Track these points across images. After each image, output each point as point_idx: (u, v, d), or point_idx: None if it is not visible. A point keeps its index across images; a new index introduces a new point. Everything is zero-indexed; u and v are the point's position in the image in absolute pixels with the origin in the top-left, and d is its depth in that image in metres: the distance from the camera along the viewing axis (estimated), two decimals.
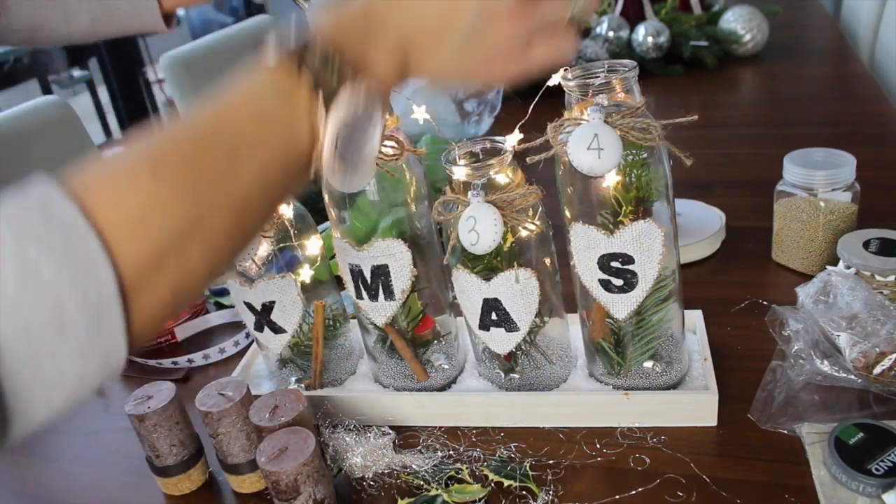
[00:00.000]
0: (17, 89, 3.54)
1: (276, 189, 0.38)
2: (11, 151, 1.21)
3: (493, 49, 0.42)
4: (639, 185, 0.58)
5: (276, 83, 0.38)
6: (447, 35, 0.41)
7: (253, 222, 0.37)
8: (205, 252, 0.34)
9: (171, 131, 0.36)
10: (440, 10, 0.41)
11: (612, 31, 1.69)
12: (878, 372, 0.63)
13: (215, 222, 0.34)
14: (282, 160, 0.37)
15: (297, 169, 0.38)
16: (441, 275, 0.69)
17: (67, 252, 0.30)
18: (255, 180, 0.36)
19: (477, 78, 0.44)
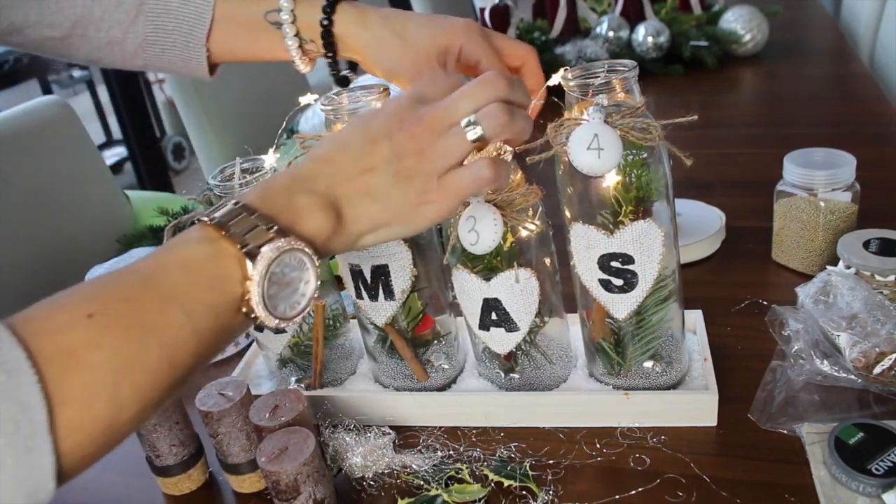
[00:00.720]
0: (17, 89, 3.54)
1: (208, 335, 0.39)
2: (11, 151, 1.21)
3: (411, 187, 0.44)
4: (639, 185, 0.58)
5: (205, 240, 0.40)
6: (369, 177, 0.44)
7: (185, 367, 0.38)
8: (135, 392, 0.35)
9: (109, 278, 0.38)
10: (357, 155, 0.45)
11: (612, 31, 1.69)
12: (878, 372, 0.63)
13: (147, 364, 0.36)
14: (212, 306, 0.39)
15: (228, 314, 0.40)
16: (441, 275, 0.69)
17: (6, 389, 0.31)
18: (186, 325, 0.37)
19: (412, 221, 0.45)
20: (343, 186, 0.44)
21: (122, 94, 3.16)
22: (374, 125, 0.45)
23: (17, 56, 3.41)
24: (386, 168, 0.44)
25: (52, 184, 1.26)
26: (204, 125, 1.61)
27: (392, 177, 0.44)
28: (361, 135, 0.45)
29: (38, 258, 1.18)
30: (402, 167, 0.44)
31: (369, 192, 0.44)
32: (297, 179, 0.44)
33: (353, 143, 0.45)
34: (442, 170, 0.44)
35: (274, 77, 1.78)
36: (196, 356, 0.38)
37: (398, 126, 0.45)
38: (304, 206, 0.43)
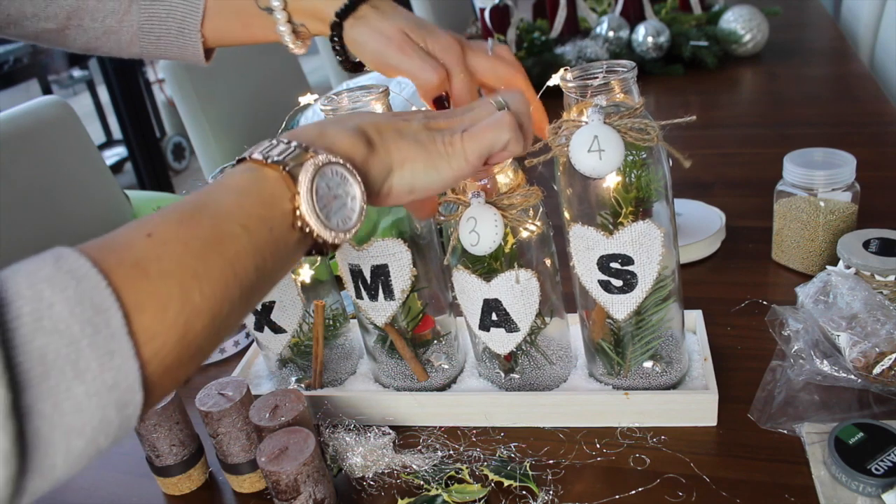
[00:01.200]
0: (17, 89, 3.54)
1: (267, 249, 0.40)
2: (11, 151, 1.21)
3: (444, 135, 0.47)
4: (638, 185, 0.58)
5: (245, 168, 0.42)
6: (399, 122, 0.47)
7: (249, 281, 0.39)
8: (205, 300, 0.36)
9: (162, 210, 0.38)
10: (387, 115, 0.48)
11: (612, 31, 1.69)
12: (878, 372, 0.63)
13: (211, 273, 0.36)
14: (266, 219, 0.40)
15: (283, 229, 0.40)
16: (441, 275, 0.69)
17: (78, 293, 0.31)
18: (242, 237, 0.38)
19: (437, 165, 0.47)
20: (374, 123, 0.47)
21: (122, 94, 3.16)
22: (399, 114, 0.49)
23: (17, 56, 3.41)
24: (416, 120, 0.48)
25: (52, 184, 1.26)
26: (204, 125, 1.61)
27: (422, 125, 0.47)
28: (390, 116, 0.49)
29: None
30: (431, 123, 0.48)
31: (399, 130, 0.47)
32: (327, 120, 0.47)
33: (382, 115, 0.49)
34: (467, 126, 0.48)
35: (274, 77, 1.78)
36: (258, 270, 0.39)
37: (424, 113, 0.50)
38: (335, 133, 0.45)
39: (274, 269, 0.41)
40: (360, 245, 0.64)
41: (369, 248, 0.64)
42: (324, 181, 0.41)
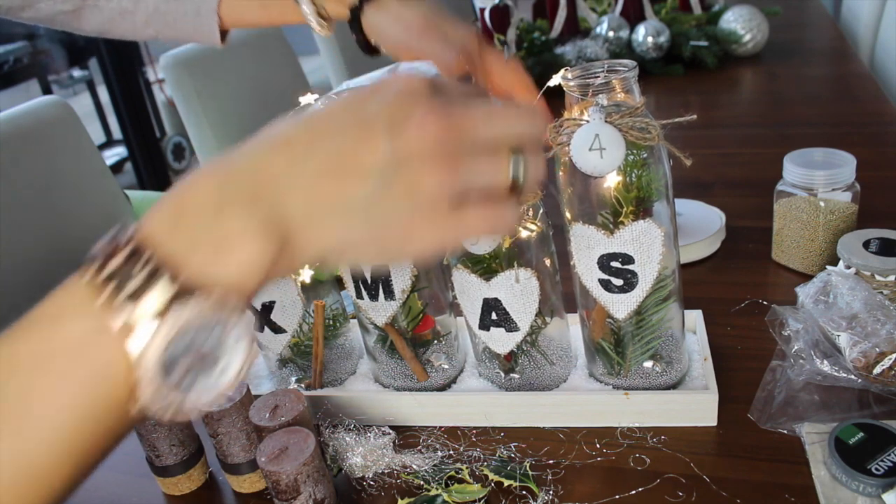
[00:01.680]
0: (17, 89, 3.54)
1: (85, 441, 0.30)
2: (11, 151, 1.21)
3: (412, 206, 0.32)
4: (639, 185, 0.58)
5: (81, 310, 0.30)
6: (349, 184, 0.31)
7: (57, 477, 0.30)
8: None
9: None
10: (337, 147, 0.32)
11: (612, 31, 1.69)
12: (878, 372, 0.63)
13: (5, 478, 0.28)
14: (88, 407, 0.29)
15: (111, 414, 0.30)
16: (441, 275, 0.69)
17: None
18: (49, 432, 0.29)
19: (392, 250, 0.33)
20: (302, 195, 0.31)
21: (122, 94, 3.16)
22: (372, 108, 0.32)
23: (17, 56, 3.41)
24: (379, 174, 0.31)
25: (52, 184, 1.26)
26: (204, 125, 1.61)
27: (385, 187, 0.31)
28: (350, 117, 0.32)
29: (37, 258, 1.18)
30: (406, 177, 0.31)
31: (343, 205, 0.32)
32: (234, 183, 0.31)
33: (333, 128, 0.32)
34: (463, 196, 0.33)
35: (274, 77, 1.78)
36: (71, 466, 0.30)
37: (407, 115, 0.32)
38: (234, 234, 0.31)
39: (94, 460, 0.31)
40: None
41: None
42: (185, 340, 0.29)
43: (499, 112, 0.34)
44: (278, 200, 0.31)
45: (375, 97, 0.33)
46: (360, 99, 0.33)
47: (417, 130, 0.31)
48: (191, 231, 0.30)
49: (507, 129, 0.34)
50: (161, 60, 1.58)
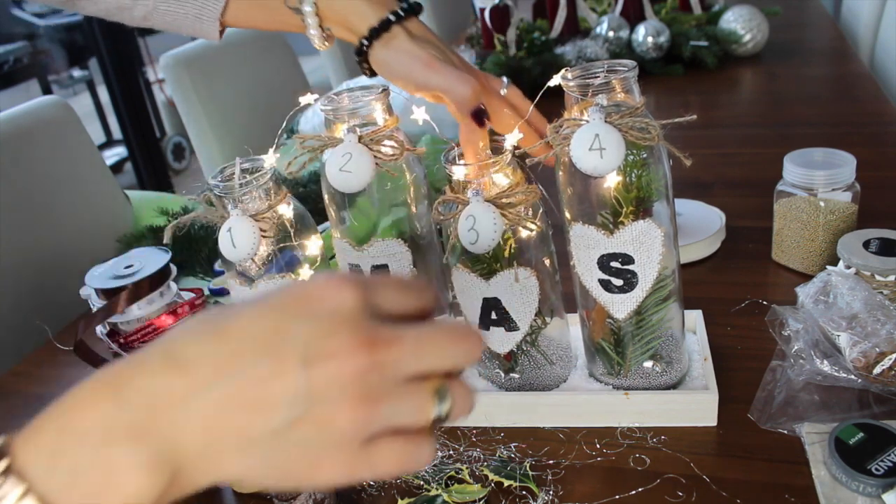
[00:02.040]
0: (17, 89, 3.54)
1: None
2: (11, 151, 1.21)
3: (320, 442, 0.30)
4: (639, 185, 0.58)
5: None
6: (253, 418, 0.29)
7: None
8: None
9: None
10: (243, 376, 0.29)
11: (612, 31, 1.69)
12: (878, 372, 0.63)
13: None
14: None
15: None
16: (441, 275, 0.69)
17: None
18: None
19: (295, 480, 0.31)
20: (200, 426, 0.29)
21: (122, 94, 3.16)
22: (292, 331, 0.30)
23: (17, 56, 3.41)
24: (288, 408, 0.29)
25: (52, 184, 1.26)
26: (204, 125, 1.61)
27: (294, 422, 0.29)
28: (266, 340, 0.30)
29: (38, 258, 1.19)
30: (318, 412, 0.29)
31: (245, 439, 0.29)
32: (125, 409, 0.29)
33: (245, 352, 0.29)
34: (376, 435, 0.31)
35: (274, 77, 1.78)
36: None
37: (328, 345, 0.29)
38: (121, 467, 0.28)
39: None
40: (360, 245, 0.64)
41: (369, 248, 0.64)
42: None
43: (431, 340, 0.32)
44: (172, 431, 0.29)
45: (299, 317, 0.30)
46: (283, 315, 0.30)
47: (336, 366, 0.29)
48: (73, 460, 0.27)
49: (437, 361, 0.32)
50: (161, 60, 1.58)
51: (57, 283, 1.15)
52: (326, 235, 0.80)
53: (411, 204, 0.66)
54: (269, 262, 0.67)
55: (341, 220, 0.66)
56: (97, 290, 0.90)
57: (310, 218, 0.70)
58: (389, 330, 0.31)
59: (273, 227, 0.66)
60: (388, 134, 0.61)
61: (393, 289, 0.33)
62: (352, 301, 0.30)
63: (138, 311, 0.90)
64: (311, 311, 0.30)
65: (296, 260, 0.69)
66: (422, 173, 0.66)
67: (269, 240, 0.66)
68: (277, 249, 0.67)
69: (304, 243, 0.69)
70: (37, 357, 0.91)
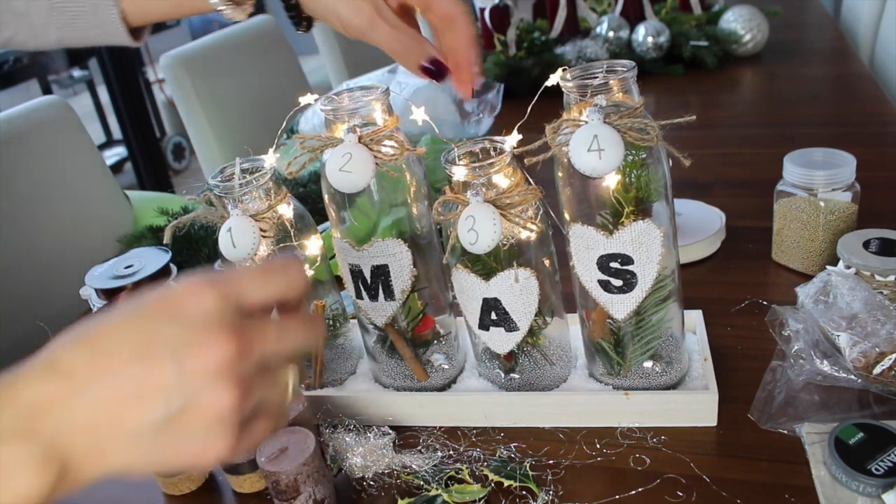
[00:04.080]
0: (17, 89, 3.54)
1: None
2: (11, 151, 1.21)
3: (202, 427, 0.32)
4: (638, 185, 0.58)
5: None
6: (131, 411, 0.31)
7: None
8: None
9: None
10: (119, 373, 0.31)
11: (612, 31, 1.69)
12: (878, 372, 0.63)
13: None
14: None
15: None
16: (441, 275, 0.69)
17: None
18: None
19: (183, 465, 0.34)
20: (84, 424, 0.31)
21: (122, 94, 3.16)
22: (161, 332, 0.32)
23: (17, 56, 3.41)
24: (166, 400, 0.31)
25: (51, 184, 1.26)
26: (204, 125, 1.61)
27: (171, 415, 0.32)
28: (136, 341, 0.32)
29: (38, 258, 1.19)
30: (195, 400, 0.32)
31: (129, 431, 0.32)
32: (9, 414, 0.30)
33: (118, 354, 0.32)
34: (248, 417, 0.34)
35: (274, 77, 1.78)
36: None
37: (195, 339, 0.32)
38: (9, 465, 0.30)
39: None
40: (360, 245, 0.64)
41: (369, 248, 0.64)
42: None
43: (283, 329, 0.36)
44: (58, 430, 0.31)
45: (165, 321, 0.32)
46: (149, 322, 0.32)
47: (206, 357, 0.32)
48: None
49: (288, 344, 0.36)
50: (161, 60, 1.58)
51: (56, 284, 1.15)
52: (326, 235, 0.80)
53: (411, 204, 0.66)
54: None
55: (341, 220, 0.66)
56: (97, 290, 0.90)
57: (310, 218, 0.70)
58: (250, 321, 0.34)
59: (273, 227, 0.66)
60: (388, 134, 0.61)
61: (254, 280, 0.35)
62: (212, 302, 0.33)
63: None
64: (176, 315, 0.32)
65: None
66: (422, 173, 0.66)
67: (269, 240, 0.66)
68: (277, 249, 0.67)
69: (304, 243, 0.69)
70: None
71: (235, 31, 1.78)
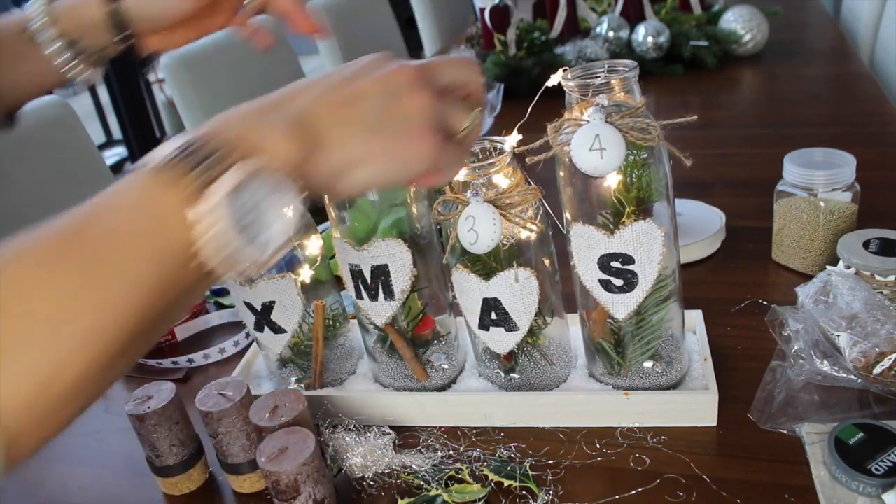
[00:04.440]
0: None
1: (153, 292, 0.34)
2: (11, 151, 1.21)
3: (406, 122, 0.40)
4: (639, 185, 0.58)
5: (146, 181, 0.34)
6: (356, 104, 0.39)
7: (129, 328, 0.33)
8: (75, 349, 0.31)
9: (28, 239, 0.34)
10: (340, 81, 0.41)
11: (612, 31, 1.69)
12: (878, 372, 0.63)
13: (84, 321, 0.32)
14: (153, 256, 0.33)
15: (175, 267, 0.34)
16: (441, 275, 0.69)
17: None
18: (120, 278, 0.33)
19: (397, 161, 0.41)
20: (322, 108, 0.39)
21: (122, 94, 3.16)
22: (357, 64, 0.42)
23: None
24: (376, 97, 0.40)
25: (52, 184, 1.26)
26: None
27: (383, 109, 0.40)
28: (344, 73, 0.41)
29: None
30: (397, 101, 0.40)
31: (351, 117, 0.39)
32: (262, 105, 0.39)
33: (335, 77, 0.41)
34: (437, 131, 0.41)
35: (274, 77, 1.78)
36: (141, 317, 0.33)
37: (386, 65, 0.42)
38: (268, 128, 0.37)
39: (162, 316, 0.35)
40: (360, 245, 0.64)
41: (369, 248, 0.64)
42: (242, 200, 0.34)
43: (454, 65, 0.44)
44: (307, 116, 0.39)
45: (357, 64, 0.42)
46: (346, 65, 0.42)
47: (398, 71, 0.41)
48: (238, 129, 0.37)
49: (462, 76, 0.44)
50: (161, 60, 1.58)
51: None
52: (326, 235, 0.80)
53: (411, 204, 0.66)
54: None
55: (341, 220, 0.66)
56: None
57: (310, 218, 0.70)
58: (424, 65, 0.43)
59: None
60: None
61: (444, 65, 0.44)
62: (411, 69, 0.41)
63: None
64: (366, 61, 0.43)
65: (296, 260, 0.69)
66: None
67: None
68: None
69: (304, 243, 0.69)
70: None
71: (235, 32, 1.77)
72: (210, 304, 0.98)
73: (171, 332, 0.90)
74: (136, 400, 0.64)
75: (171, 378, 0.79)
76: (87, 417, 0.79)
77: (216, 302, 0.97)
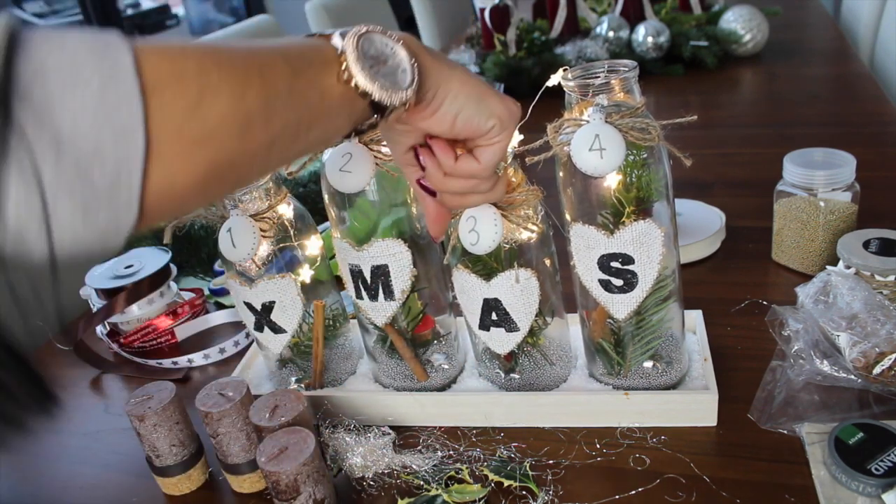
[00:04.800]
0: None
1: (306, 90, 0.40)
2: None
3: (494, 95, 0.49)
4: (639, 185, 0.58)
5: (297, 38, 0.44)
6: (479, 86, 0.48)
7: (283, 119, 0.39)
8: (224, 117, 0.36)
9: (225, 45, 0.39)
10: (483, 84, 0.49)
11: (612, 31, 1.69)
12: (878, 372, 0.63)
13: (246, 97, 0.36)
14: (309, 59, 0.41)
15: (325, 73, 0.41)
16: (441, 275, 0.69)
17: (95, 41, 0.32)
18: (282, 69, 0.39)
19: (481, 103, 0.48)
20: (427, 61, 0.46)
21: None
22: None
23: None
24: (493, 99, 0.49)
25: None
26: None
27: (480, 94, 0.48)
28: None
29: None
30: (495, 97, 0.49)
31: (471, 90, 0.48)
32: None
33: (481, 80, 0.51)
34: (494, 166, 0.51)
35: None
36: (294, 103, 0.39)
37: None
38: (403, 35, 0.45)
39: (312, 118, 0.41)
40: (360, 245, 0.64)
41: (369, 248, 0.64)
42: (371, 44, 0.43)
43: None
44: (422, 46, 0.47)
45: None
46: None
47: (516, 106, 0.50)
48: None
49: None
50: None
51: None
52: (326, 235, 0.80)
53: (411, 204, 0.66)
54: (269, 261, 0.68)
55: (341, 220, 0.66)
56: (97, 290, 0.90)
57: (310, 218, 0.70)
58: None
59: (273, 227, 0.66)
60: None
61: None
62: None
63: (138, 310, 0.90)
64: None
65: (296, 260, 0.69)
66: None
67: (269, 240, 0.66)
68: (277, 249, 0.67)
69: (304, 243, 0.69)
70: (37, 357, 0.91)
71: (235, 32, 1.77)
72: (210, 304, 0.98)
73: (170, 333, 0.90)
74: (135, 400, 0.64)
75: (171, 378, 0.79)
76: (87, 417, 0.79)
77: (216, 302, 0.97)
